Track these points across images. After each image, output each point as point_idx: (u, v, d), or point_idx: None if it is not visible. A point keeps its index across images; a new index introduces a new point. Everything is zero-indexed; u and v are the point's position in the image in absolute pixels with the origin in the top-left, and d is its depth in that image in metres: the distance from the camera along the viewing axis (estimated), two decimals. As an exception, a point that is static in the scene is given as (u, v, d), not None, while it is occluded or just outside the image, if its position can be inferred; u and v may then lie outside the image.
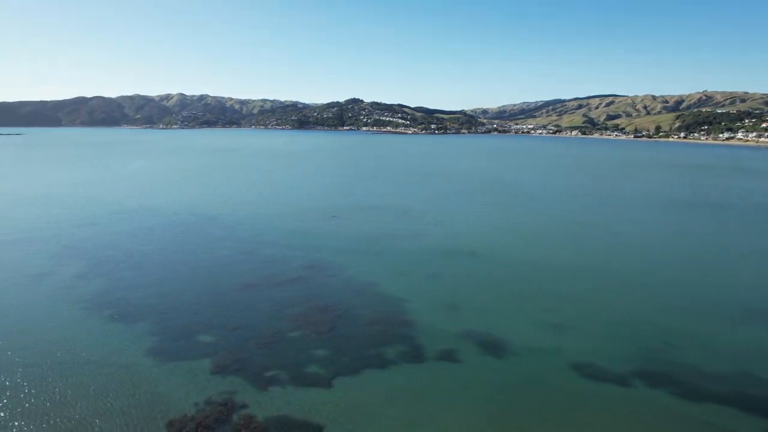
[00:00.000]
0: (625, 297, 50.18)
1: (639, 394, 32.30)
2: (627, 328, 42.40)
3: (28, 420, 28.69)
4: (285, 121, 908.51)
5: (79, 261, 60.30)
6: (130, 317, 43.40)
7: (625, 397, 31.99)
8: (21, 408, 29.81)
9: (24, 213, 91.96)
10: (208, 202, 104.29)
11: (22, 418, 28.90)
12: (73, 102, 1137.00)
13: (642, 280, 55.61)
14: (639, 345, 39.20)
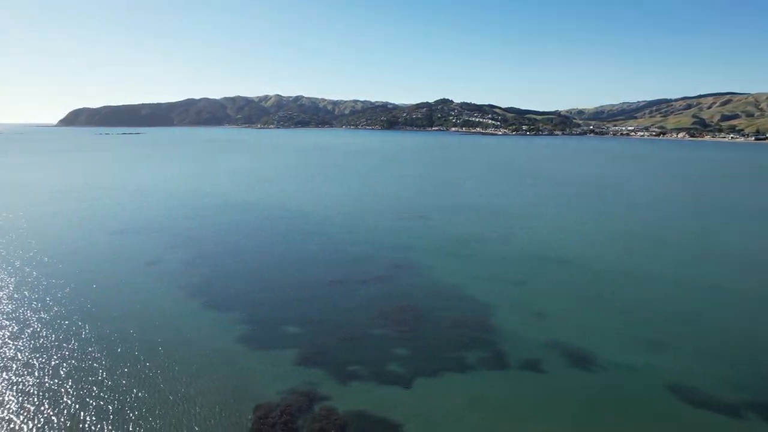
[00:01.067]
0: (738, 315, 45.34)
1: (749, 427, 28.97)
2: (740, 351, 38.23)
3: (144, 390, 31.47)
4: (374, 121, 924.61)
5: (185, 250, 65.37)
6: (226, 305, 46.28)
7: (732, 429, 28.84)
8: (138, 377, 32.82)
9: (142, 204, 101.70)
10: (301, 199, 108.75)
11: (140, 387, 31.79)
12: (183, 104, 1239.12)
13: (759, 296, 49.97)
14: (754, 371, 35.18)
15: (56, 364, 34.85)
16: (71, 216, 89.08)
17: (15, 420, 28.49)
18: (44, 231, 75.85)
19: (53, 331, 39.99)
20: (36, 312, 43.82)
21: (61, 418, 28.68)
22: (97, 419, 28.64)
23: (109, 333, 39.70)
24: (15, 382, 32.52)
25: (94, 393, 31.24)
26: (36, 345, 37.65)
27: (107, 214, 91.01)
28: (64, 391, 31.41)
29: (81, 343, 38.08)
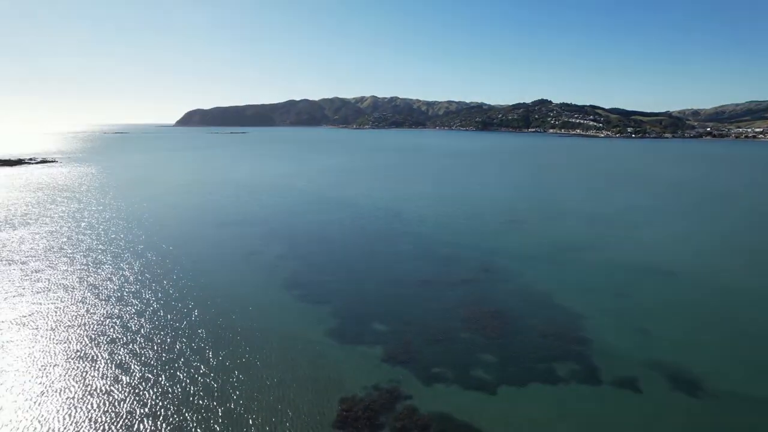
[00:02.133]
0: None
1: None
2: None
3: (244, 372, 33.91)
4: (468, 122, 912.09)
5: (281, 243, 69.04)
6: (318, 298, 48.25)
7: None
8: (240, 360, 35.38)
9: (243, 198, 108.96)
10: (394, 198, 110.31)
11: (240, 370, 34.30)
12: (284, 105, 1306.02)
13: None
14: None
15: (171, 341, 38.45)
16: (183, 208, 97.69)
17: (138, 387, 31.87)
18: (161, 222, 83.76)
19: (169, 312, 44.10)
20: (155, 294, 48.59)
21: (175, 390, 31.66)
22: (204, 393, 31.26)
23: (214, 318, 43.02)
24: (138, 353, 36.38)
25: (202, 370, 34.10)
26: (155, 323, 41.78)
27: (213, 207, 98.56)
28: (177, 366, 34.60)
29: (191, 324, 41.66)
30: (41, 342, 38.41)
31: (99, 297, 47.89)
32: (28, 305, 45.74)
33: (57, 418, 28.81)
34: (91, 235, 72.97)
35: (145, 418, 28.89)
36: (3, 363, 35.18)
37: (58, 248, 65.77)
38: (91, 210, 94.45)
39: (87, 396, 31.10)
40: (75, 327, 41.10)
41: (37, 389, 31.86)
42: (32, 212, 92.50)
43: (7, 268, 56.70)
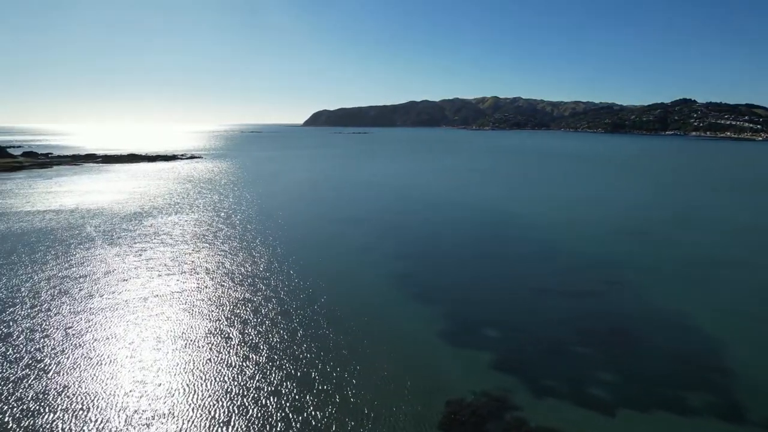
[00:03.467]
0: None
1: None
2: None
3: (357, 365, 35.73)
4: (597, 123, 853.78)
5: (395, 242, 70.87)
6: (429, 298, 48.90)
7: None
8: (354, 354, 37.35)
9: (361, 196, 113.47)
10: (513, 201, 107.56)
11: (357, 362, 36.22)
12: (405, 106, 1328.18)
13: None
14: None
15: (294, 328, 41.57)
16: (307, 202, 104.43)
17: (265, 366, 35.05)
18: (286, 215, 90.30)
19: (293, 300, 47.66)
20: (281, 282, 52.77)
21: (297, 373, 34.31)
22: (322, 379, 33.48)
23: (330, 312, 45.59)
24: (266, 336, 39.95)
25: (321, 357, 36.52)
26: (281, 309, 45.43)
27: (333, 202, 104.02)
28: (299, 351, 37.41)
29: (313, 313, 44.64)
30: (186, 316, 43.71)
31: (233, 281, 53.16)
32: (177, 283, 52.22)
33: (196, 386, 32.69)
34: (228, 225, 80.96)
35: (271, 396, 31.65)
36: (159, 332, 40.63)
37: (201, 235, 74.00)
38: (228, 201, 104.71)
39: (222, 369, 34.85)
40: (213, 306, 46.12)
41: (181, 359, 36.37)
42: (182, 202, 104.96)
43: (161, 250, 65.16)
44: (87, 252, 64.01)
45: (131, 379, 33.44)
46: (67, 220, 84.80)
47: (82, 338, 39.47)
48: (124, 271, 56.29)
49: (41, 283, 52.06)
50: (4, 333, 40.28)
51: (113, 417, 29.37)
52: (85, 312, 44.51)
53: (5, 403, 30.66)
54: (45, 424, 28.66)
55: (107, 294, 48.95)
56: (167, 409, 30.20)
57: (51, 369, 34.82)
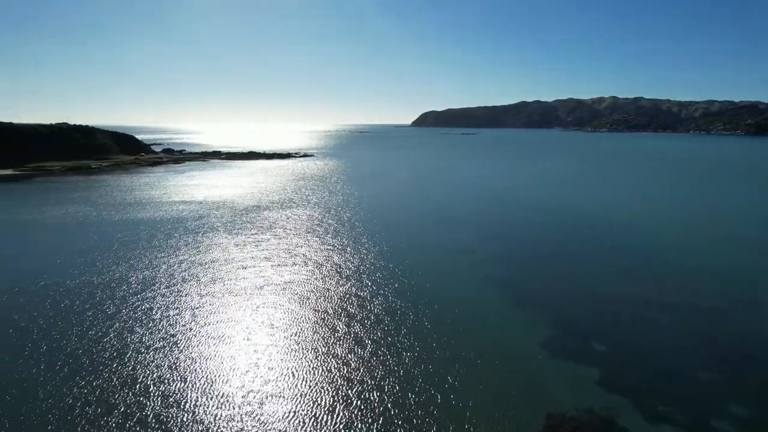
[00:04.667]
0: None
1: None
2: None
3: (459, 369, 35.62)
4: (736, 125, 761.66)
5: (497, 244, 69.18)
6: (532, 305, 47.16)
7: None
8: (454, 358, 37.28)
9: (464, 196, 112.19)
10: (624, 208, 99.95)
11: (459, 365, 36.16)
12: (515, 107, 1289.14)
13: None
14: None
15: (398, 326, 42.37)
16: (411, 203, 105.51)
17: (370, 361, 36.19)
18: (391, 213, 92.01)
19: (397, 299, 48.55)
20: (385, 279, 53.97)
21: (399, 370, 34.99)
22: (423, 379, 33.81)
23: (433, 313, 45.74)
24: (370, 331, 41.19)
25: (423, 357, 36.86)
26: (385, 306, 46.52)
27: (437, 203, 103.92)
28: (402, 349, 38.09)
29: (415, 312, 45.14)
30: (297, 306, 46.35)
31: (341, 275, 55.36)
32: (290, 274, 55.55)
33: (303, 373, 34.58)
34: (337, 221, 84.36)
35: (374, 390, 32.58)
36: (272, 319, 43.60)
37: (313, 229, 77.91)
38: (337, 198, 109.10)
39: (328, 359, 36.52)
40: (322, 298, 48.41)
41: (291, 346, 38.67)
42: (295, 197, 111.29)
43: (276, 241, 69.69)
44: (211, 241, 70.33)
45: (247, 360, 36.23)
46: (196, 210, 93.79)
47: (206, 318, 43.51)
48: (243, 260, 61.01)
49: (174, 266, 58.17)
50: (147, 307, 45.67)
51: (231, 393, 32.05)
52: (209, 295, 48.98)
53: (146, 369, 34.77)
54: (176, 391, 32.05)
55: (228, 280, 53.42)
56: (277, 391, 32.32)
57: (181, 343, 38.85)
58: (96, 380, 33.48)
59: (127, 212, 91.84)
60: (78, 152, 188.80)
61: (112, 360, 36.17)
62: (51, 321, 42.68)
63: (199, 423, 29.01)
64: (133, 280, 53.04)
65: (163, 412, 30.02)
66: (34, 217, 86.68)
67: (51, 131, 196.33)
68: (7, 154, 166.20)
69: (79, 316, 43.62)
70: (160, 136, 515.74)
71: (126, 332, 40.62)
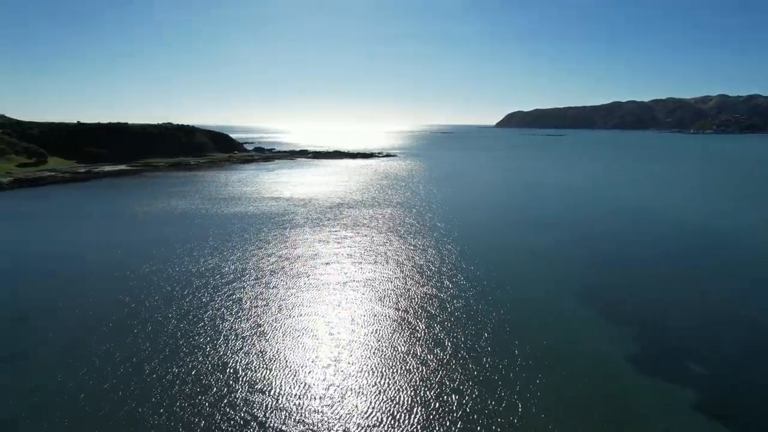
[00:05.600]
0: None
1: None
2: None
3: (543, 377, 34.38)
4: None
5: (584, 250, 65.70)
6: (620, 316, 44.32)
7: None
8: (537, 363, 36.02)
9: (549, 199, 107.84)
10: (727, 218, 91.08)
11: (541, 374, 34.94)
12: (607, 107, 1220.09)
13: None
14: None
15: (478, 330, 41.63)
16: (494, 205, 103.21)
17: (448, 364, 35.90)
18: (473, 215, 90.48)
19: (476, 302, 47.70)
20: (467, 280, 53.23)
21: (480, 377, 34.35)
22: (505, 386, 32.92)
23: (515, 319, 44.42)
24: (451, 333, 40.81)
25: (504, 363, 35.91)
26: (466, 310, 45.87)
27: (521, 205, 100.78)
28: (481, 356, 37.36)
29: (494, 321, 44.07)
30: (378, 303, 46.95)
31: (422, 275, 55.31)
32: (371, 272, 56.38)
33: (383, 370, 34.92)
34: (419, 221, 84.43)
35: (453, 393, 32.19)
36: (354, 315, 44.50)
37: (394, 228, 78.56)
38: (419, 198, 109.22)
39: (408, 359, 36.61)
40: (402, 297, 48.64)
41: (371, 343, 39.20)
42: (378, 196, 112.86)
43: (358, 239, 71.05)
44: (297, 236, 73.08)
45: (328, 354, 37.23)
46: (284, 207, 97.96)
47: (291, 311, 45.26)
48: (327, 256, 62.81)
49: (263, 259, 61.11)
50: (237, 297, 48.40)
51: (314, 385, 33.08)
52: (294, 289, 50.93)
53: (235, 354, 36.84)
54: (262, 378, 33.64)
55: (312, 275, 55.24)
56: (357, 386, 32.89)
57: (268, 333, 40.72)
58: (192, 362, 35.97)
59: (221, 206, 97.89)
60: (180, 150, 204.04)
61: (206, 344, 38.66)
62: (155, 304, 46.46)
63: (282, 410, 30.22)
64: (225, 271, 56.40)
65: (249, 396, 31.62)
66: (142, 209, 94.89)
67: (159, 131, 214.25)
68: (122, 151, 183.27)
69: (179, 302, 47.08)
70: (252, 135, 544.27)
71: (218, 319, 43.26)
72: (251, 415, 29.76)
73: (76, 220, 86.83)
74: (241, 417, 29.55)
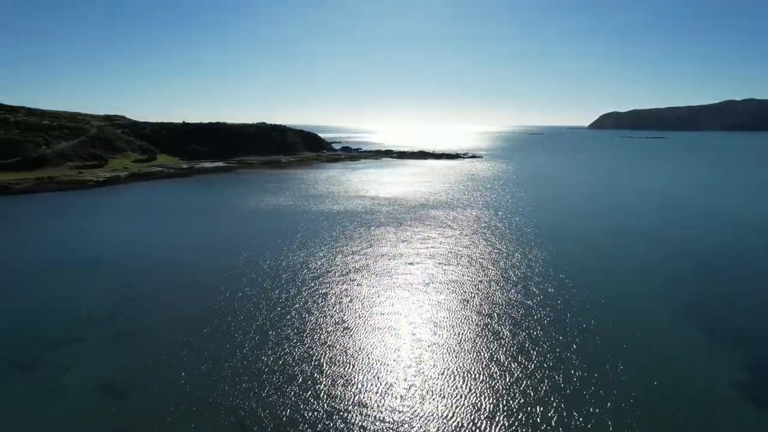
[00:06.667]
0: None
1: None
2: None
3: (635, 393, 32.16)
4: None
5: (681, 261, 60.45)
6: (720, 337, 40.34)
7: None
8: (622, 381, 33.72)
9: (643, 206, 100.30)
10: None
11: (635, 391, 32.71)
12: (717, 106, 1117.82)
13: None
14: None
15: (567, 341, 39.72)
16: (583, 211, 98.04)
17: (535, 373, 34.57)
18: (561, 221, 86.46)
19: (564, 311, 45.46)
20: (555, 288, 50.95)
21: (567, 390, 32.77)
22: (595, 402, 31.15)
23: (608, 332, 41.80)
24: (536, 341, 39.33)
25: (595, 378, 33.95)
26: (554, 317, 43.94)
27: (612, 212, 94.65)
28: (568, 367, 35.58)
29: (584, 332, 41.73)
30: (462, 306, 46.23)
31: (507, 280, 53.73)
32: (455, 274, 55.67)
33: (465, 374, 34.28)
34: (505, 224, 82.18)
35: (537, 405, 30.90)
36: (437, 317, 44.19)
37: (479, 231, 77.08)
38: (506, 201, 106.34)
39: (491, 365, 35.68)
40: (487, 301, 47.54)
41: (454, 346, 38.64)
42: (462, 198, 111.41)
43: (442, 240, 70.50)
44: (381, 235, 73.90)
45: (410, 355, 37.20)
46: (369, 206, 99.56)
47: (374, 309, 45.80)
48: (410, 256, 62.91)
49: (348, 256, 62.45)
50: (323, 292, 49.84)
51: (395, 384, 33.20)
52: (377, 287, 51.50)
53: (320, 348, 37.92)
54: (345, 373, 34.32)
55: (395, 275, 55.56)
56: (438, 389, 32.55)
57: (352, 329, 41.49)
58: (279, 352, 37.50)
59: (310, 203, 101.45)
60: (272, 148, 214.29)
61: (292, 336, 40.14)
62: (247, 295, 49.03)
63: (363, 406, 30.62)
64: (312, 266, 58.29)
65: (332, 390, 32.37)
66: (237, 204, 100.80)
67: (254, 130, 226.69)
68: (220, 149, 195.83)
69: (268, 294, 49.32)
70: (339, 134, 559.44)
71: (305, 313, 44.77)
72: (333, 407, 30.45)
73: (180, 212, 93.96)
74: (324, 409, 30.33)
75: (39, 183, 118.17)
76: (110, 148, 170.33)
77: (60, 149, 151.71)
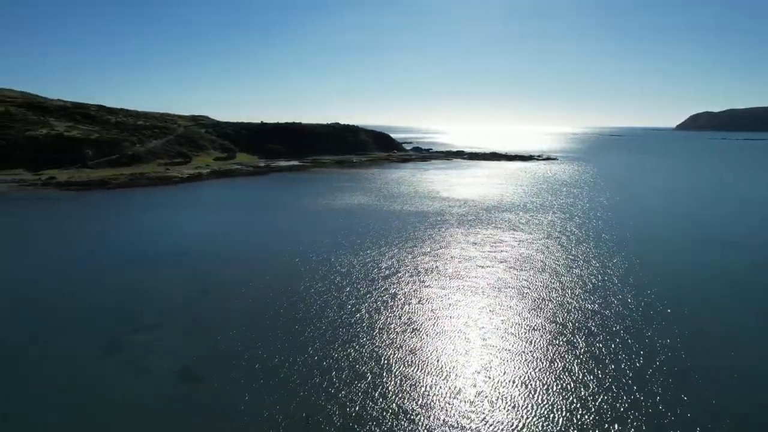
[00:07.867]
0: None
1: None
2: None
3: (692, 419, 29.80)
4: None
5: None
6: None
7: None
8: (700, 409, 31.27)
9: (740, 216, 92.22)
10: None
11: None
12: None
13: None
14: None
15: (650, 354, 37.41)
16: (668, 218, 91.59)
17: (610, 389, 32.87)
18: (642, 228, 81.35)
19: (646, 324, 42.82)
20: (636, 300, 48.13)
21: (649, 408, 30.88)
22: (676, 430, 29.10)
23: (690, 351, 38.95)
24: (613, 354, 37.36)
25: (684, 404, 31.76)
26: (632, 332, 41.56)
27: (704, 220, 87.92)
28: (651, 385, 33.49)
29: (669, 347, 39.11)
30: (533, 313, 44.81)
31: (583, 288, 51.43)
32: (527, 280, 54.05)
33: (537, 384, 33.15)
34: (581, 229, 78.69)
35: (615, 423, 29.29)
36: (507, 324, 43.13)
37: (553, 236, 74.34)
38: (582, 205, 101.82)
39: (564, 376, 34.28)
40: (561, 309, 45.74)
41: (525, 354, 37.50)
42: (536, 201, 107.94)
43: (513, 244, 68.70)
44: (452, 237, 73.18)
45: (480, 361, 36.54)
46: (439, 207, 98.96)
47: (444, 312, 45.44)
48: (481, 259, 61.83)
49: (418, 257, 62.39)
50: (392, 293, 50.14)
51: (463, 389, 32.72)
52: (447, 289, 51.06)
53: (388, 348, 38.17)
54: (413, 375, 34.31)
55: (466, 278, 54.81)
56: (509, 397, 31.71)
57: (421, 331, 41.41)
58: (349, 349, 38.14)
59: (381, 203, 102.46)
60: (345, 148, 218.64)
61: (362, 334, 40.68)
62: (320, 291, 50.30)
63: (431, 408, 30.46)
64: (384, 265, 58.80)
65: (399, 390, 32.45)
66: (311, 202, 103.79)
67: (328, 130, 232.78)
68: (295, 148, 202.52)
69: (339, 291, 50.33)
70: (410, 135, 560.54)
71: (374, 312, 45.24)
72: (401, 408, 30.53)
73: (255, 209, 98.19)
74: (391, 408, 30.49)
75: (133, 179, 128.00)
76: (194, 147, 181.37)
77: (151, 147, 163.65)
